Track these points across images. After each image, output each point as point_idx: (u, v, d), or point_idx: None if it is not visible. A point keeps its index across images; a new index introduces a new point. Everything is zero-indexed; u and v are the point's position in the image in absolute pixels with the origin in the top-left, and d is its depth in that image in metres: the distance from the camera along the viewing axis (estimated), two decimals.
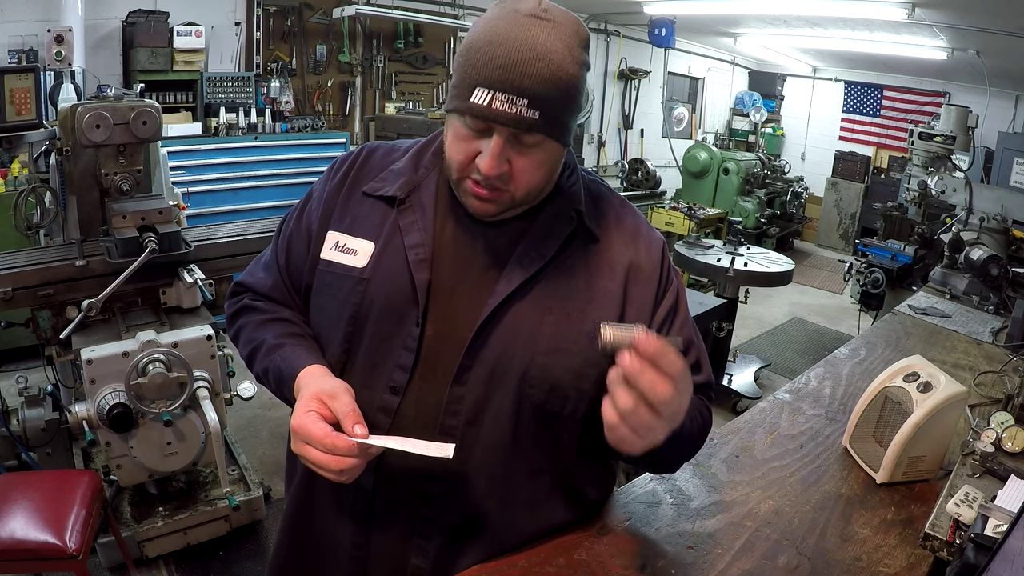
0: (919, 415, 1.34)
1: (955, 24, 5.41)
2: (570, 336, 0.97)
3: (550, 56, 0.86)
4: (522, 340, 0.96)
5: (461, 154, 0.92)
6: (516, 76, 0.85)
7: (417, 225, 1.00)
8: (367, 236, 1.02)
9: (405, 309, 0.97)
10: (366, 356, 1.00)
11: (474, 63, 0.87)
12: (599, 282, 1.00)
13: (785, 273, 4.21)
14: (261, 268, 1.16)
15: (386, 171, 1.06)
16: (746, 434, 1.56)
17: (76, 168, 2.48)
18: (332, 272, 1.02)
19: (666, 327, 1.04)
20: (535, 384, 0.97)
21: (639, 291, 1.02)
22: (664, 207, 6.49)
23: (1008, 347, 2.26)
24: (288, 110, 5.24)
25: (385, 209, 1.03)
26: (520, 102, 0.86)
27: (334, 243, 1.03)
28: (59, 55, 3.88)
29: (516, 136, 0.89)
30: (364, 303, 0.99)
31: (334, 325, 1.02)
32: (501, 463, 0.99)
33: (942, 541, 1.16)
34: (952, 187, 3.41)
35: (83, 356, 2.11)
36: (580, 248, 1.00)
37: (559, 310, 0.97)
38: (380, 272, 0.99)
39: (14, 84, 3.78)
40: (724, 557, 1.13)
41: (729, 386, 4.29)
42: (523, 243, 0.99)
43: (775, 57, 9.06)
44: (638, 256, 1.03)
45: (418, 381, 0.97)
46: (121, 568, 2.37)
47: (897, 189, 6.40)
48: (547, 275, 0.98)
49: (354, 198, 1.05)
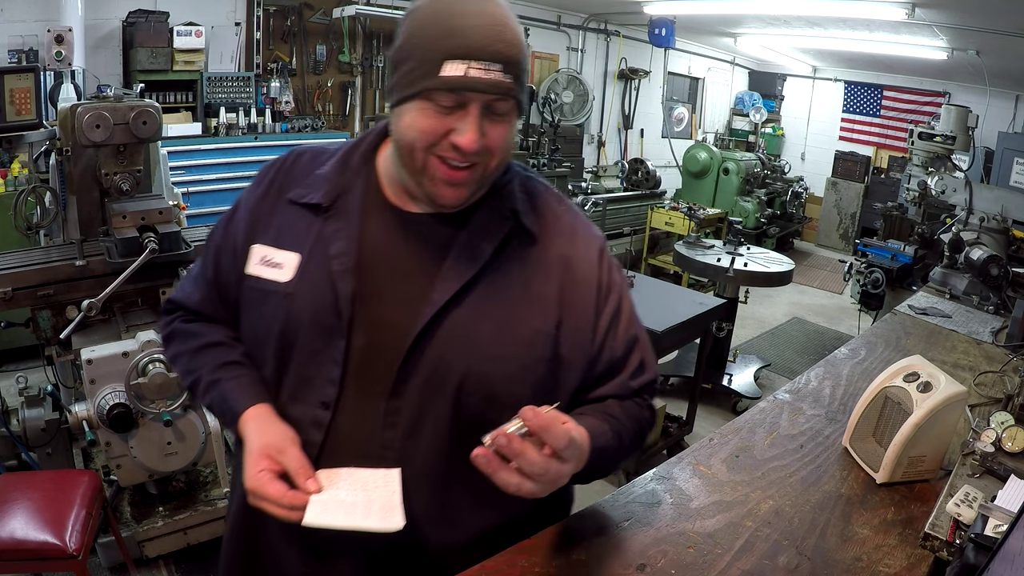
0: (919, 415, 1.34)
1: (955, 24, 5.41)
2: (508, 343, 0.94)
3: (508, 22, 0.87)
4: (459, 348, 0.93)
5: (428, 134, 0.87)
6: (489, 42, 0.84)
7: (342, 233, 0.96)
8: (292, 247, 0.98)
9: (331, 322, 0.93)
10: (297, 372, 0.97)
11: (435, 39, 0.85)
12: (536, 285, 0.97)
13: (785, 273, 4.21)
14: (191, 282, 1.12)
15: (312, 176, 1.01)
16: (746, 434, 1.56)
17: (76, 168, 2.48)
18: (258, 288, 0.98)
19: (611, 334, 1.02)
20: (473, 393, 0.94)
21: (578, 295, 0.99)
22: (664, 207, 6.49)
23: (1008, 347, 2.26)
24: (288, 110, 5.24)
25: (311, 217, 0.98)
26: (496, 68, 0.84)
27: (260, 257, 0.99)
28: (59, 55, 3.88)
29: (490, 106, 0.87)
30: (291, 319, 0.95)
31: (263, 343, 0.99)
32: (442, 475, 0.96)
33: (942, 541, 1.16)
34: (952, 187, 3.40)
35: (83, 356, 2.11)
36: (517, 249, 0.97)
37: (496, 316, 0.94)
38: (305, 285, 0.95)
39: (14, 84, 3.78)
40: (724, 557, 1.13)
41: (729, 386, 4.29)
42: (457, 246, 0.95)
43: (775, 57, 9.06)
44: (575, 257, 1.00)
45: (352, 394, 0.94)
46: (121, 568, 2.37)
47: (897, 189, 6.41)
48: (483, 279, 0.94)
49: (280, 207, 1.01)
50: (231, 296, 1.05)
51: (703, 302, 3.48)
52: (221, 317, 1.08)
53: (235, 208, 1.07)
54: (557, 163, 5.31)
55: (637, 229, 6.33)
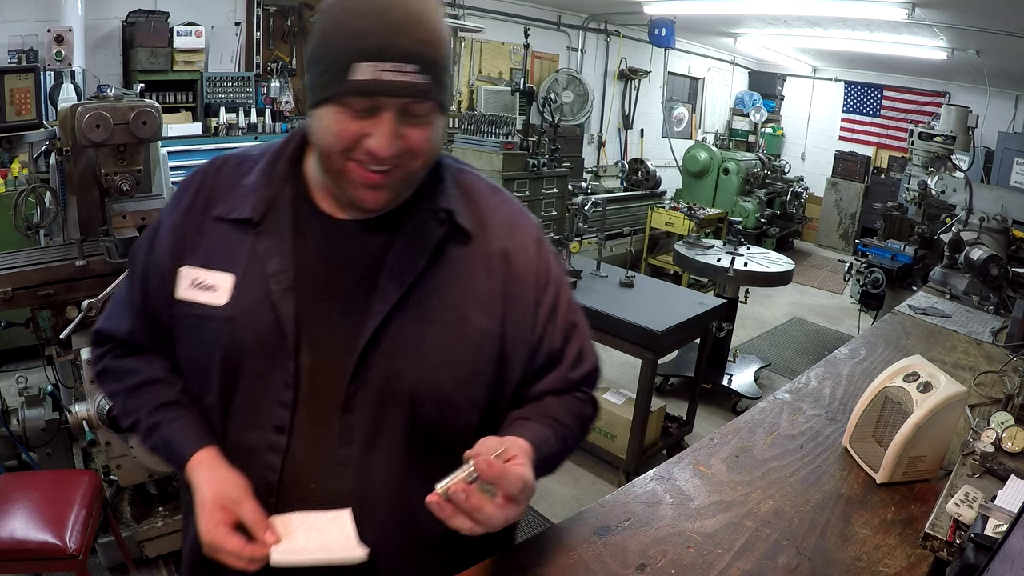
0: (919, 415, 1.34)
1: (955, 24, 5.41)
2: (455, 347, 0.92)
3: (427, 16, 0.81)
4: (407, 357, 0.90)
5: (342, 139, 0.83)
6: (401, 40, 0.79)
7: (276, 249, 0.91)
8: (225, 268, 0.91)
9: (276, 344, 0.89)
10: (245, 398, 0.92)
11: (341, 40, 0.80)
12: (477, 283, 0.94)
13: (785, 273, 4.21)
14: (118, 310, 1.04)
15: (238, 189, 0.94)
16: (746, 434, 1.56)
17: (76, 168, 2.47)
18: (193, 314, 0.92)
19: (550, 325, 1.00)
20: (426, 402, 0.91)
21: (518, 289, 0.97)
22: (664, 207, 6.50)
23: (1008, 347, 2.26)
24: (288, 110, 5.24)
25: (241, 234, 0.92)
26: (409, 69, 0.79)
27: (190, 280, 0.92)
28: (59, 55, 3.88)
29: (406, 108, 0.82)
30: (233, 344, 0.90)
31: (204, 371, 0.93)
32: (401, 486, 0.93)
33: (942, 541, 1.16)
34: (952, 187, 3.40)
35: (83, 356, 2.11)
36: (454, 249, 0.94)
37: (441, 320, 0.92)
38: (244, 307, 0.90)
39: (14, 84, 3.78)
40: (724, 557, 1.13)
41: (729, 386, 4.29)
42: (393, 253, 0.92)
43: (775, 57, 9.07)
44: (513, 249, 0.97)
45: (305, 415, 0.91)
46: (121, 568, 2.37)
47: (897, 189, 6.41)
48: (423, 284, 0.91)
49: (207, 225, 0.94)
50: (163, 322, 0.97)
51: (703, 302, 3.48)
52: (155, 346, 1.01)
53: (157, 226, 0.99)
54: (557, 163, 5.31)
55: (637, 229, 6.33)
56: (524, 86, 4.29)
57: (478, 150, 3.94)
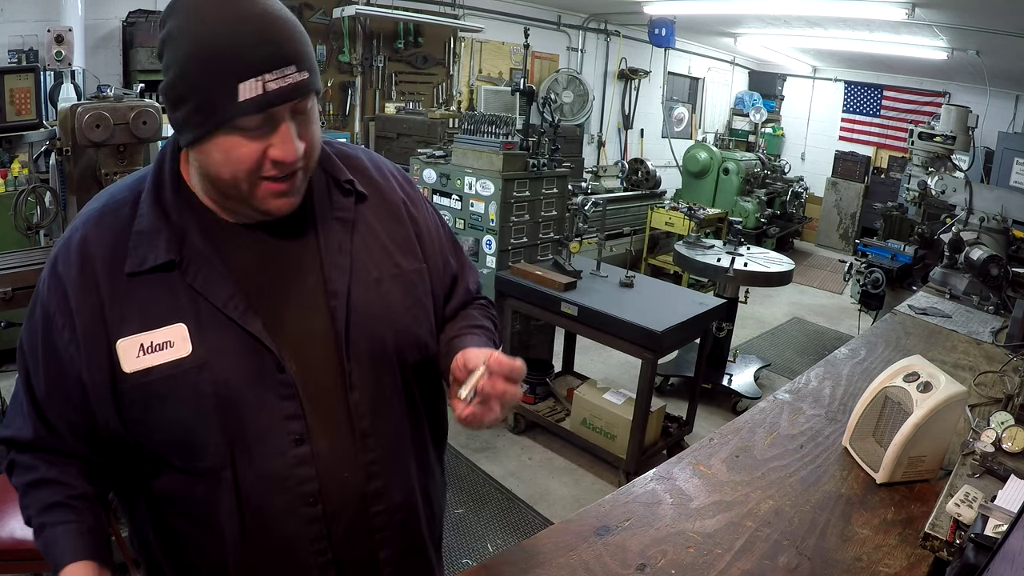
0: (919, 415, 1.34)
1: (955, 24, 5.41)
2: (409, 290, 1.02)
3: (278, 14, 0.82)
4: (380, 318, 0.97)
5: (247, 162, 0.82)
6: (273, 49, 0.80)
7: (212, 277, 0.88)
8: (170, 320, 0.86)
9: (259, 365, 0.88)
10: (252, 431, 0.89)
11: (215, 65, 0.78)
12: (394, 232, 1.03)
13: (785, 273, 4.21)
14: (19, 416, 0.94)
15: (132, 238, 0.87)
16: (746, 434, 1.56)
17: (76, 168, 2.47)
18: (155, 379, 0.86)
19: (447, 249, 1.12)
20: (405, 347, 1.00)
21: (421, 226, 1.07)
22: (664, 207, 6.49)
23: (1008, 347, 2.26)
24: None
25: (165, 280, 0.87)
26: (290, 71, 0.81)
27: (138, 348, 0.85)
28: (59, 55, 3.88)
29: (295, 107, 0.84)
30: (219, 385, 0.87)
31: (198, 427, 0.88)
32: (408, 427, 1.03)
33: (942, 541, 1.16)
34: (952, 187, 3.40)
35: None
36: (363, 211, 1.01)
37: (388, 275, 1.00)
38: (212, 347, 0.87)
39: (14, 84, 3.78)
40: (724, 557, 1.13)
41: (729, 386, 4.29)
42: (322, 236, 0.96)
43: (775, 57, 9.07)
44: (395, 192, 1.06)
45: (315, 417, 0.92)
46: (121, 568, 2.37)
47: (897, 189, 6.41)
48: (357, 252, 0.98)
49: (119, 288, 0.86)
50: (93, 419, 0.89)
51: (703, 302, 3.48)
52: (64, 450, 0.93)
53: (47, 320, 0.89)
54: (557, 163, 5.30)
55: (637, 229, 6.33)
56: (524, 86, 4.29)
57: (478, 150, 3.94)
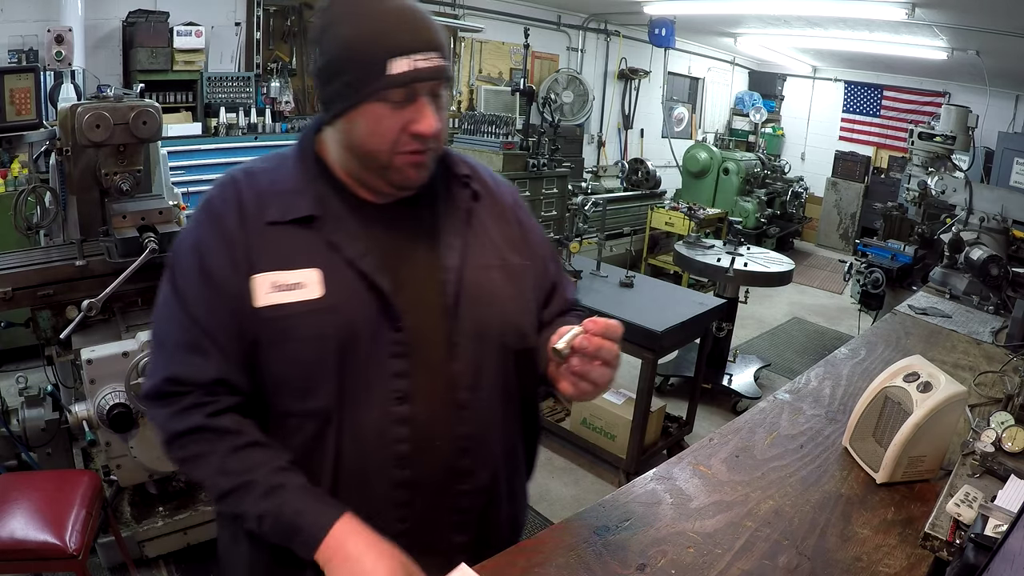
0: (919, 415, 1.34)
1: (955, 24, 5.41)
2: (515, 283, 1.08)
3: (424, 13, 0.95)
4: (486, 301, 1.03)
5: (389, 133, 0.93)
6: (424, 35, 0.92)
7: (350, 235, 0.98)
8: (305, 265, 0.95)
9: (379, 320, 0.96)
10: (363, 380, 0.96)
11: (370, 43, 0.90)
12: (505, 231, 1.11)
13: (785, 273, 4.21)
14: (185, 354, 0.95)
15: (278, 193, 0.98)
16: (746, 434, 1.56)
17: (76, 168, 2.47)
18: (286, 315, 0.93)
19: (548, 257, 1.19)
20: (508, 333, 1.05)
21: (527, 230, 1.15)
22: (664, 207, 6.49)
23: (1008, 347, 2.26)
24: (288, 110, 5.23)
25: (303, 232, 0.96)
26: (434, 56, 0.92)
27: (270, 285, 0.94)
28: (59, 55, 3.88)
29: (433, 90, 0.94)
30: (343, 330, 0.94)
31: (316, 366, 0.94)
32: (500, 412, 1.07)
33: (942, 541, 1.16)
34: (952, 187, 3.40)
35: (83, 356, 2.11)
36: (477, 208, 1.09)
37: (495, 265, 1.07)
38: (342, 294, 0.95)
39: (14, 84, 3.78)
40: (724, 557, 1.13)
41: (729, 386, 4.29)
42: (441, 219, 1.05)
43: (775, 57, 9.06)
44: (505, 197, 1.15)
45: (418, 378, 0.98)
46: (121, 568, 2.37)
47: (897, 189, 6.41)
48: (471, 241, 1.05)
49: (262, 233, 0.96)
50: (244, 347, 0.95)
51: (703, 302, 3.48)
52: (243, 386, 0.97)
53: (196, 255, 0.97)
54: (557, 163, 5.30)
55: (637, 229, 6.33)
56: (524, 86, 4.29)
57: (478, 150, 3.95)
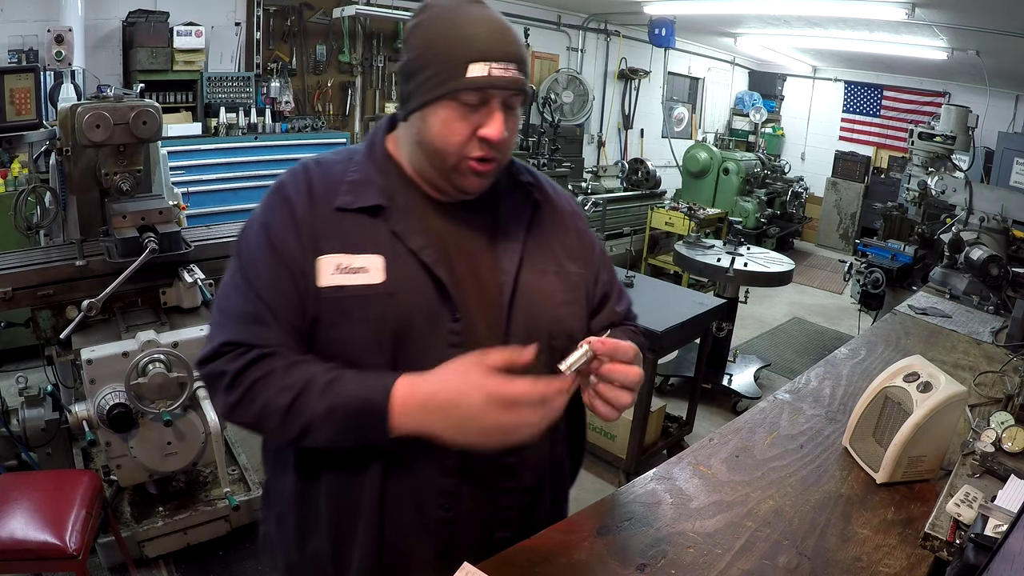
0: (919, 415, 1.34)
1: (955, 24, 5.41)
2: (569, 289, 1.11)
3: (511, 27, 0.99)
4: (538, 303, 1.06)
5: (459, 134, 0.96)
6: (504, 46, 0.96)
7: (414, 227, 1.01)
8: (369, 250, 0.98)
9: (437, 310, 0.99)
10: (414, 366, 0.96)
11: (454, 46, 0.94)
12: (564, 238, 1.14)
13: (785, 273, 4.21)
14: (246, 324, 0.98)
15: (348, 183, 1.02)
16: (746, 434, 1.56)
17: (76, 168, 2.47)
18: (347, 296, 0.97)
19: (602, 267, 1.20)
20: (557, 336, 1.07)
21: (584, 240, 1.17)
22: (664, 207, 6.49)
23: (1008, 347, 2.26)
24: (288, 110, 5.24)
25: (369, 220, 1.00)
26: (512, 67, 0.96)
27: (335, 267, 0.97)
28: (59, 55, 3.88)
29: (507, 100, 0.97)
30: (401, 316, 0.97)
31: (373, 348, 0.97)
32: None
33: (942, 541, 1.16)
34: (952, 187, 3.40)
35: (83, 356, 2.11)
36: (538, 215, 1.12)
37: (551, 270, 1.09)
38: (402, 282, 0.98)
39: (14, 84, 3.78)
40: (724, 557, 1.13)
41: (729, 386, 4.29)
42: (502, 221, 1.08)
43: (775, 57, 9.06)
44: (564, 207, 1.18)
45: None
46: (121, 568, 2.37)
47: (897, 189, 6.41)
48: (530, 245, 1.09)
49: (329, 217, 1.00)
50: (304, 324, 0.99)
51: (703, 302, 3.48)
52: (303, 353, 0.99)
53: (264, 232, 1.00)
54: (557, 163, 5.31)
55: (637, 229, 6.33)
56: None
57: None
